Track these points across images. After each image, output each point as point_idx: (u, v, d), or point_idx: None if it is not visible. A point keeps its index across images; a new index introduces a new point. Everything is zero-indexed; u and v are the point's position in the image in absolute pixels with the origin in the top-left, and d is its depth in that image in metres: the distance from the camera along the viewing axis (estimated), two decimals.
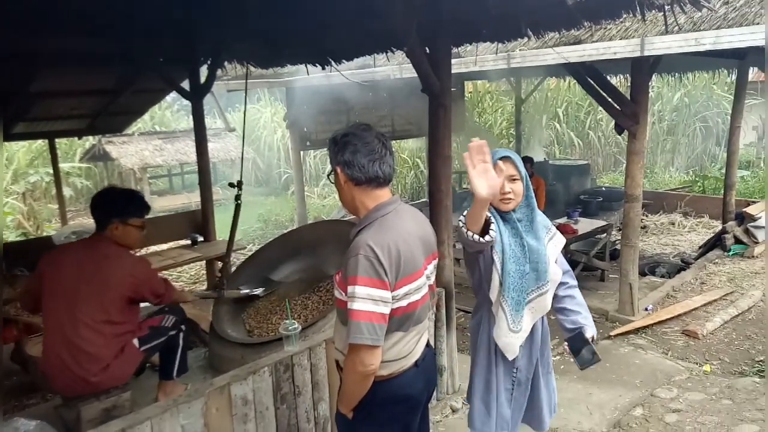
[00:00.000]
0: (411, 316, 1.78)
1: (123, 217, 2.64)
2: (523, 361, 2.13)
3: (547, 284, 2.05)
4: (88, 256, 2.56)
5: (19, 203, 10.10)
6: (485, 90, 14.15)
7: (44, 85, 5.20)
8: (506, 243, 2.00)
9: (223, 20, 4.10)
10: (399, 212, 1.79)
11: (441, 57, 3.19)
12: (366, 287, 1.63)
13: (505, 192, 1.99)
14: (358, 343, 1.64)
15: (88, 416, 2.56)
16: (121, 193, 2.79)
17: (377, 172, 1.75)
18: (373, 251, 1.64)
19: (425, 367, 1.94)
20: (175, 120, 16.73)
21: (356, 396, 1.79)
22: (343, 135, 1.77)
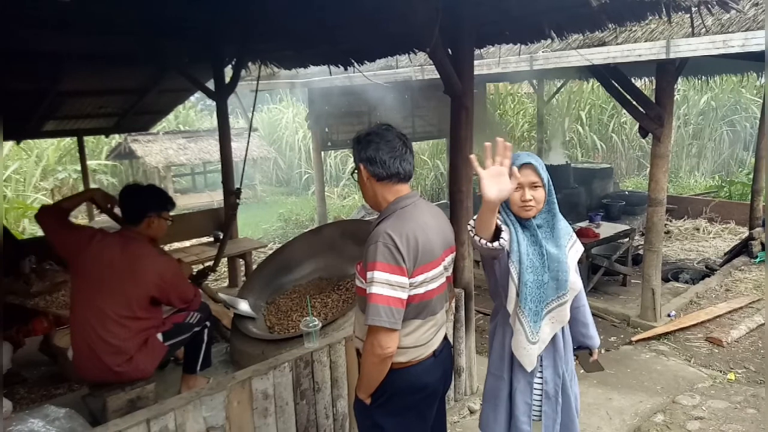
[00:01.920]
0: (428, 305, 1.86)
1: (158, 210, 2.72)
2: (549, 373, 2.04)
3: (567, 294, 1.98)
4: (122, 253, 2.59)
5: (48, 199, 10.36)
6: (507, 92, 14.07)
7: (73, 84, 5.34)
8: (524, 252, 1.94)
9: (248, 21, 4.16)
10: (418, 205, 1.89)
11: (463, 58, 3.19)
12: (384, 273, 1.72)
13: (526, 199, 1.93)
14: (376, 325, 1.72)
15: (114, 406, 2.63)
16: (153, 188, 2.86)
17: (398, 169, 1.85)
18: (392, 239, 1.74)
19: (443, 359, 2.01)
20: (198, 120, 16.98)
21: (374, 380, 1.85)
22: (366, 134, 1.90)
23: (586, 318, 2.17)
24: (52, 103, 5.63)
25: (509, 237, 1.95)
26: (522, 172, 1.91)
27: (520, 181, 1.88)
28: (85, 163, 6.85)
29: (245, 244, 5.56)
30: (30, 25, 3.77)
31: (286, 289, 3.92)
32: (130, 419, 2.08)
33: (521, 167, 1.91)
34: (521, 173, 1.90)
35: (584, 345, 2.18)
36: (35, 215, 2.75)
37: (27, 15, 3.60)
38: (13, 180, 9.88)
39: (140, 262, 2.61)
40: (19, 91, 5.09)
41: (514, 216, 1.99)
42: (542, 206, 1.98)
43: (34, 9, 3.43)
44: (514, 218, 1.99)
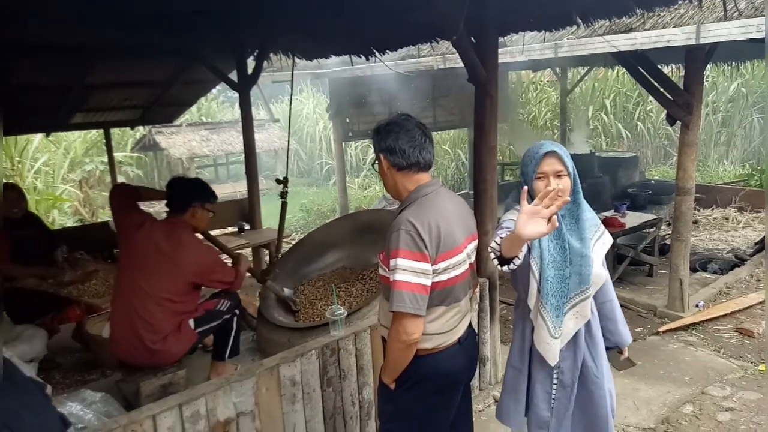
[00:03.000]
0: (452, 291, 1.87)
1: (202, 201, 2.87)
2: (568, 364, 2.00)
3: (590, 288, 1.92)
4: (167, 238, 2.76)
5: (76, 190, 10.58)
6: (529, 80, 13.88)
7: (100, 77, 5.42)
8: (545, 248, 1.88)
9: (270, 12, 4.18)
10: (439, 193, 1.90)
11: (488, 47, 3.16)
12: (407, 260, 1.74)
13: (551, 189, 1.92)
14: (401, 311, 1.73)
15: (147, 391, 2.70)
16: (199, 181, 3.02)
17: (418, 158, 1.87)
18: (414, 226, 1.76)
19: (467, 346, 2.03)
20: (220, 111, 17.13)
21: (399, 366, 1.87)
22: (385, 124, 1.91)
23: (614, 314, 2.11)
24: (80, 96, 5.73)
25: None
26: (546, 160, 1.87)
27: (544, 171, 1.87)
28: (112, 155, 6.97)
29: (268, 235, 5.62)
30: (59, 19, 3.84)
31: (311, 278, 3.96)
32: (163, 404, 2.13)
33: (545, 155, 1.87)
34: (545, 162, 1.87)
35: (613, 342, 2.13)
36: (111, 189, 3.05)
37: (55, 9, 3.67)
38: (43, 172, 10.11)
39: (182, 249, 2.76)
40: (48, 85, 5.19)
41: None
42: (567, 196, 1.90)
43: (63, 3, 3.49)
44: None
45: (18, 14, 3.62)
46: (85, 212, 10.43)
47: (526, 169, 1.92)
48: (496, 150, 3.27)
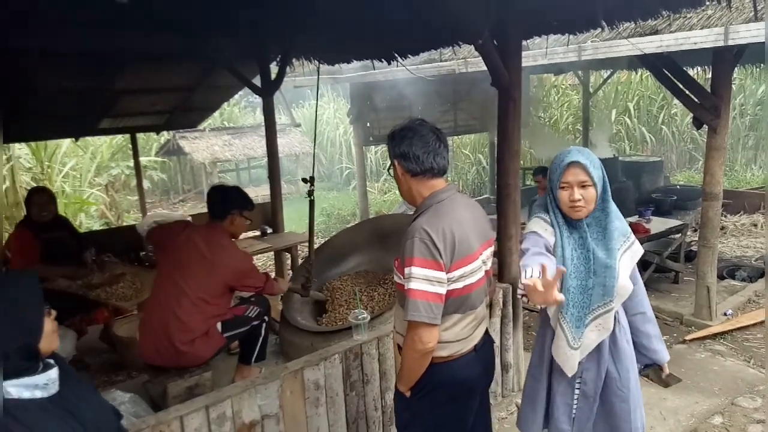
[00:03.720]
0: (467, 299, 1.84)
1: (241, 209, 2.99)
2: (590, 375, 1.96)
3: (614, 300, 1.86)
4: (207, 241, 2.89)
5: (102, 194, 10.81)
6: (551, 84, 13.77)
7: (127, 83, 5.53)
8: (568, 257, 1.85)
9: (294, 18, 4.22)
10: (453, 199, 1.88)
11: (511, 50, 3.15)
12: (422, 268, 1.72)
13: (574, 199, 1.83)
14: (416, 320, 1.72)
15: (174, 392, 2.74)
16: (238, 189, 3.11)
17: (432, 164, 1.85)
18: (428, 234, 1.74)
19: (484, 354, 2.00)
20: (242, 116, 17.34)
21: (415, 374, 1.86)
22: (399, 129, 1.90)
23: (646, 327, 2.04)
24: (108, 102, 5.86)
25: (553, 240, 1.88)
26: (570, 170, 1.84)
27: (567, 180, 1.84)
28: (138, 159, 7.11)
29: (291, 238, 5.66)
30: (88, 25, 3.93)
31: (333, 282, 3.98)
32: (190, 405, 2.16)
33: (569, 165, 1.84)
34: (569, 172, 1.84)
35: (650, 359, 2.06)
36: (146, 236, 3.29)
37: (84, 16, 3.76)
38: (71, 176, 10.34)
39: (220, 252, 2.87)
40: (77, 90, 5.32)
41: (563, 217, 1.90)
42: (593, 206, 1.86)
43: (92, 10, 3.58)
44: (562, 219, 1.90)
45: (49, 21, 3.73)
46: (111, 215, 10.64)
47: (552, 176, 1.90)
48: (520, 154, 3.25)
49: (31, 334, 1.30)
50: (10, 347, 1.24)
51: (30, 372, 1.28)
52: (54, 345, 1.37)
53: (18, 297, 1.31)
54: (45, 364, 1.34)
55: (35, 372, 1.29)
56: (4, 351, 1.23)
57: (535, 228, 1.94)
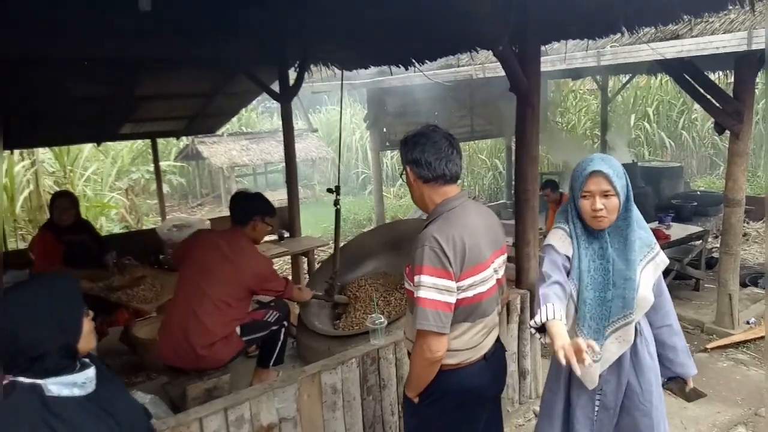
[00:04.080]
0: (477, 308, 1.83)
1: (263, 215, 3.05)
2: (611, 387, 1.93)
3: (634, 312, 1.82)
4: (230, 245, 2.95)
5: (123, 198, 10.97)
6: (569, 88, 13.67)
7: (148, 89, 5.63)
8: (584, 269, 1.83)
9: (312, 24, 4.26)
10: (465, 207, 1.87)
11: (530, 56, 3.14)
12: (431, 276, 1.71)
13: (596, 209, 1.80)
14: (424, 329, 1.72)
15: (193, 394, 2.78)
16: (260, 196, 3.19)
17: (444, 170, 1.84)
18: (438, 242, 1.73)
19: (494, 362, 1.97)
20: (259, 121, 17.51)
21: (423, 381, 1.86)
22: (412, 135, 1.89)
23: (672, 340, 1.99)
24: (129, 108, 5.96)
25: (570, 252, 1.86)
26: (592, 179, 1.80)
27: (590, 189, 1.81)
28: (158, 164, 7.21)
29: (308, 243, 5.70)
30: (111, 33, 4.01)
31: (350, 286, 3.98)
32: (209, 407, 2.18)
33: (591, 174, 1.80)
34: (591, 181, 1.80)
35: (674, 372, 2.01)
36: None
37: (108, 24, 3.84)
38: (92, 180, 10.52)
39: (242, 256, 2.92)
40: (101, 96, 5.42)
41: (582, 227, 1.87)
42: (616, 216, 1.83)
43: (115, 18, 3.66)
44: (581, 230, 1.87)
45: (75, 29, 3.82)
46: (130, 219, 10.80)
47: (574, 184, 1.88)
48: (538, 160, 3.24)
49: (71, 334, 1.34)
50: (51, 346, 1.29)
51: (69, 370, 1.33)
52: (91, 345, 1.41)
53: (59, 298, 1.35)
54: (82, 363, 1.38)
55: (73, 370, 1.33)
56: (46, 350, 1.27)
57: (552, 240, 1.92)
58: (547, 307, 1.75)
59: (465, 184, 12.92)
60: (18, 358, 1.26)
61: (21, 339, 1.26)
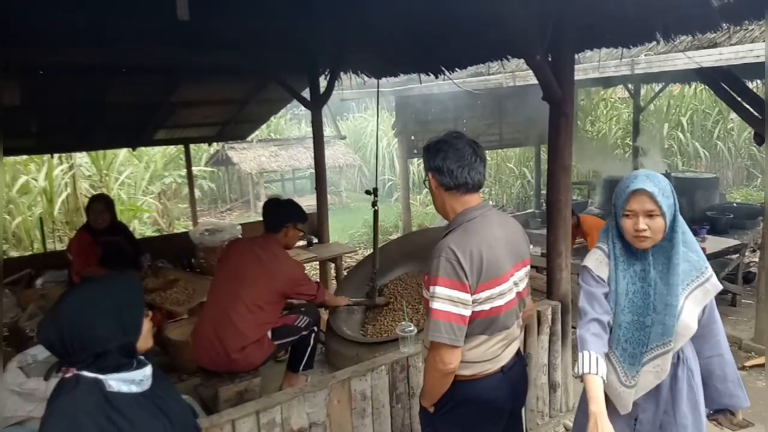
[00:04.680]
0: (495, 321, 1.79)
1: (295, 222, 3.11)
2: (647, 416, 1.83)
3: (673, 341, 1.71)
4: (263, 251, 3.02)
5: (155, 202, 11.24)
6: (599, 97, 13.49)
7: (184, 96, 5.77)
8: (621, 292, 1.75)
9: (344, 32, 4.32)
10: (486, 217, 1.82)
11: (564, 64, 3.12)
12: (446, 288, 1.69)
13: (639, 229, 1.70)
14: (437, 342, 1.70)
15: (225, 396, 2.82)
16: (292, 203, 3.24)
17: (466, 179, 1.80)
18: (454, 254, 1.69)
19: (512, 375, 1.93)
20: (288, 128, 17.74)
21: (437, 392, 1.84)
22: (435, 142, 1.86)
23: (724, 371, 1.85)
24: (164, 114, 6.11)
25: (607, 274, 1.79)
26: (636, 197, 1.70)
27: (632, 209, 1.72)
28: (190, 169, 7.36)
29: (336, 249, 5.73)
30: (150, 42, 4.14)
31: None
32: (241, 410, 2.21)
33: (634, 192, 1.70)
34: (635, 199, 1.71)
35: (723, 404, 1.90)
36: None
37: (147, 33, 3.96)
38: (126, 184, 10.81)
39: (276, 260, 2.99)
40: (137, 103, 5.58)
41: (622, 246, 1.78)
42: (660, 236, 1.71)
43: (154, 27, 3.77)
44: (621, 250, 1.79)
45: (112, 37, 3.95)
46: (162, 222, 11.04)
47: (616, 201, 1.79)
48: (571, 169, 3.21)
49: (132, 334, 1.39)
50: (113, 344, 1.34)
51: (127, 368, 1.38)
52: (148, 344, 1.46)
53: (123, 299, 1.41)
54: (138, 362, 1.42)
55: (131, 368, 1.39)
56: (108, 347, 1.33)
57: (588, 262, 1.86)
58: (583, 357, 1.71)
59: (492, 193, 12.84)
60: (82, 353, 1.32)
61: (85, 336, 1.32)
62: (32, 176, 9.38)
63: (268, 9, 3.66)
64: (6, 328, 4.42)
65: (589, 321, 1.77)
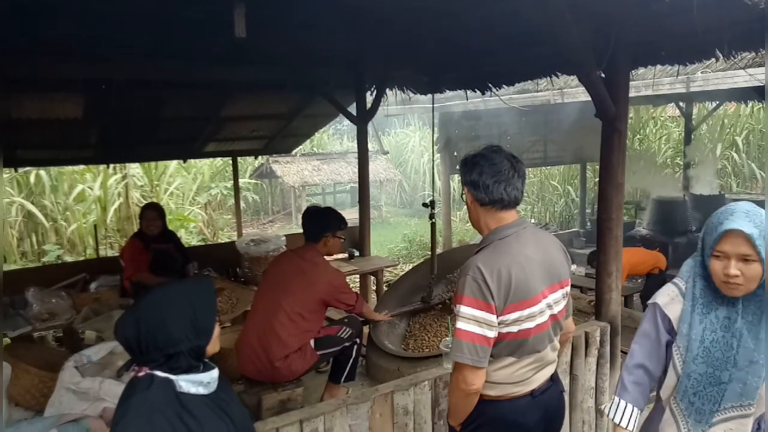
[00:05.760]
0: (523, 344, 1.73)
1: (334, 231, 3.15)
2: None
3: (754, 405, 1.51)
4: (302, 261, 3.07)
5: (201, 212, 11.57)
6: (648, 115, 13.15)
7: (233, 110, 5.94)
8: (695, 338, 1.52)
9: (391, 49, 4.37)
10: (520, 236, 1.76)
11: (618, 80, 3.05)
12: (470, 308, 1.65)
13: (729, 274, 1.46)
14: (459, 362, 1.67)
15: (268, 404, 2.85)
16: (330, 211, 3.28)
17: (501, 195, 1.74)
18: (481, 273, 1.65)
19: (544, 401, 1.85)
20: (330, 143, 18.01)
21: (461, 411, 1.81)
22: (472, 156, 1.80)
23: None
24: (215, 127, 6.31)
25: (678, 314, 1.58)
26: (729, 238, 1.46)
27: (724, 250, 1.48)
28: (237, 181, 7.54)
29: (377, 262, 5.75)
30: (204, 58, 4.30)
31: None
32: (286, 418, 2.23)
33: (728, 233, 1.46)
34: (728, 240, 1.46)
35: None
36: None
37: (203, 50, 4.12)
38: (174, 195, 11.19)
39: (316, 269, 3.03)
40: (190, 117, 5.78)
41: (705, 287, 1.56)
42: (755, 285, 1.47)
43: (207, 44, 3.92)
44: (703, 291, 1.55)
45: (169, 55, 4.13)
46: (207, 232, 11.35)
47: (705, 238, 1.56)
48: (623, 188, 3.12)
49: (204, 337, 1.43)
50: (186, 347, 1.38)
51: (195, 370, 1.40)
52: (216, 348, 1.49)
53: (199, 303, 1.44)
54: (205, 365, 1.46)
55: (199, 370, 1.41)
56: (180, 349, 1.36)
57: (659, 298, 1.65)
58: (617, 405, 1.62)
59: (535, 211, 12.64)
60: (156, 352, 1.36)
61: (160, 336, 1.36)
62: (88, 185, 9.82)
63: (317, 26, 3.76)
64: (61, 330, 4.62)
65: (635, 365, 1.64)
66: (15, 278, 4.73)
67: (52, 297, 4.34)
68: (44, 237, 9.30)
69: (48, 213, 9.36)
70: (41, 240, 9.26)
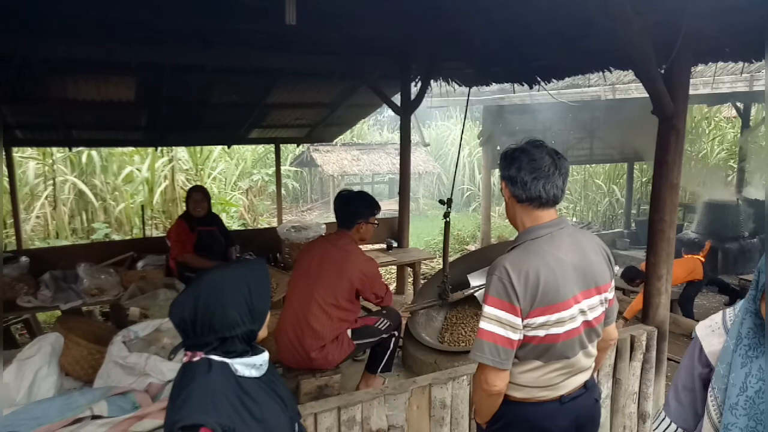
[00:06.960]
0: (551, 348, 1.66)
1: (367, 217, 3.06)
2: None
3: None
4: (334, 249, 2.99)
5: (243, 197, 11.80)
6: (702, 115, 12.62)
7: (278, 98, 6.00)
8: (735, 384, 1.25)
9: (439, 40, 4.32)
10: (554, 237, 1.68)
11: (678, 77, 2.93)
12: (494, 308, 1.61)
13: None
14: (481, 362, 1.64)
15: (306, 389, 2.88)
16: (362, 196, 3.18)
17: (539, 192, 1.66)
18: (508, 274, 1.60)
19: (574, 408, 1.78)
20: (370, 134, 18.03)
21: (486, 410, 1.79)
22: (512, 150, 1.72)
23: None
24: (259, 114, 6.39)
25: (718, 348, 1.35)
26: None
27: None
28: (279, 167, 7.64)
29: (415, 254, 5.74)
30: (253, 45, 4.35)
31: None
32: (324, 404, 2.25)
33: None
34: None
35: None
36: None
37: (250, 37, 4.17)
38: (217, 179, 11.45)
39: (349, 258, 2.95)
40: (236, 103, 5.87)
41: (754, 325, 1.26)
42: None
43: (257, 31, 3.96)
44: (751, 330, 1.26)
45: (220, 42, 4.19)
46: (248, 217, 11.57)
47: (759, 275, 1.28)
48: (678, 188, 3.00)
49: (258, 322, 1.42)
50: (240, 331, 1.37)
51: (247, 354, 1.41)
52: (265, 334, 1.48)
53: (256, 288, 1.42)
54: (254, 348, 1.45)
55: (249, 354, 1.42)
56: (235, 333, 1.36)
57: (701, 330, 1.43)
58: (662, 421, 1.48)
59: (578, 210, 12.35)
60: (210, 335, 1.35)
61: (216, 319, 1.35)
62: (136, 167, 10.15)
63: (366, 16, 3.74)
64: (108, 305, 4.79)
65: (683, 387, 1.46)
66: (67, 253, 4.93)
67: (101, 273, 4.50)
68: (93, 215, 9.67)
69: (98, 192, 9.72)
70: (90, 218, 9.63)
